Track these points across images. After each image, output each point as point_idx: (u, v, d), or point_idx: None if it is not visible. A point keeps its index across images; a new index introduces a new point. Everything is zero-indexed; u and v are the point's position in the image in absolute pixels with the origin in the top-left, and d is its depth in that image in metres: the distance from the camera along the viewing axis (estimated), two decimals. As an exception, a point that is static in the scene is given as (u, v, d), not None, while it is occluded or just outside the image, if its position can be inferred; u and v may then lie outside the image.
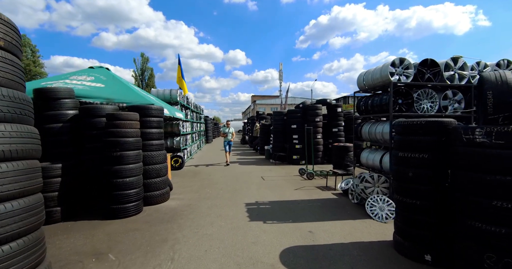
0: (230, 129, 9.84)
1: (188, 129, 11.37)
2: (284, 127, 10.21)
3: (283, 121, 10.24)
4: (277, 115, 10.33)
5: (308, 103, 9.86)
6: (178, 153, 9.19)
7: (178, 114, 7.90)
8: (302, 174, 7.68)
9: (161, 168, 5.02)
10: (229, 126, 9.91)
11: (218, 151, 15.38)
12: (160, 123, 5.22)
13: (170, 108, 7.61)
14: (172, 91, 9.38)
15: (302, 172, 7.68)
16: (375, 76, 4.42)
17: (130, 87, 5.95)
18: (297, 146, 9.59)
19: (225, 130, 9.84)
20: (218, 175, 7.77)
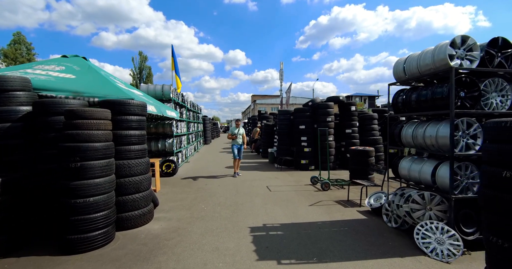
0: (241, 129, 7.74)
1: (183, 130, 10.25)
2: (290, 128, 9.11)
3: (290, 121, 9.13)
4: (283, 114, 9.22)
5: (318, 100, 8.78)
6: (170, 158, 8.07)
7: (170, 113, 6.79)
8: (314, 183, 6.58)
9: (141, 180, 3.90)
10: (239, 126, 7.81)
11: (217, 153, 14.26)
12: (142, 123, 4.11)
13: (161, 105, 6.49)
14: (165, 86, 8.27)
15: (315, 180, 6.57)
16: (424, 61, 3.32)
17: (107, 79, 4.84)
18: (305, 149, 8.49)
19: (234, 131, 7.67)
20: (216, 183, 6.65)
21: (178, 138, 9.21)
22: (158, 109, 5.69)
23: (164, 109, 6.39)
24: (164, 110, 6.29)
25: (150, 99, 6.41)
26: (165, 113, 6.21)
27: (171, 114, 6.86)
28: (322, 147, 7.13)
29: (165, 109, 6.50)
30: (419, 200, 3.25)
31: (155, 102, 6.51)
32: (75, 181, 3.05)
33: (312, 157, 8.59)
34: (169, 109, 7.03)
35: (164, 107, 6.64)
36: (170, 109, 7.23)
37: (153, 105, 5.37)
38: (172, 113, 7.08)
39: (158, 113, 5.57)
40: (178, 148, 9.01)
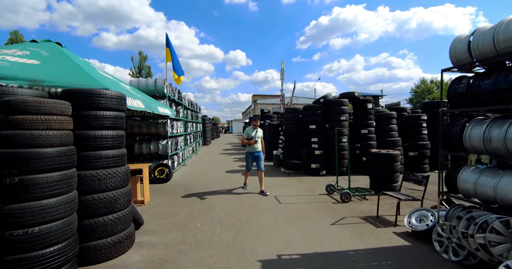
0: (259, 132, 5.86)
1: (179, 130, 9.31)
2: (299, 128, 8.17)
3: (298, 120, 8.19)
4: (290, 112, 8.27)
5: (330, 97, 7.84)
6: (164, 161, 7.13)
7: (162, 110, 5.85)
8: (330, 192, 5.63)
9: (117, 197, 2.95)
10: (257, 127, 5.87)
11: (216, 155, 13.32)
12: (119, 121, 3.16)
13: (151, 101, 5.55)
14: (158, 80, 7.32)
15: (331, 189, 5.63)
16: (503, 35, 2.37)
17: (80, 65, 3.89)
18: (316, 152, 7.54)
19: (251, 134, 5.71)
20: (215, 192, 5.71)
21: (174, 139, 8.26)
22: (147, 105, 4.74)
23: (155, 105, 5.45)
24: (155, 107, 5.35)
25: (138, 93, 5.47)
26: (156, 110, 5.27)
27: (164, 112, 5.92)
28: (339, 149, 6.20)
29: (157, 106, 5.55)
30: (503, 230, 2.30)
31: (145, 96, 5.56)
32: (10, 205, 2.11)
33: (324, 161, 7.65)
34: (162, 106, 6.09)
35: (155, 103, 5.70)
36: (163, 106, 6.29)
37: (139, 100, 4.43)
38: (165, 111, 6.14)
39: (147, 110, 4.63)
40: (173, 150, 8.07)
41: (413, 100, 30.90)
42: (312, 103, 8.22)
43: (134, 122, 7.17)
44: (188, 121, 11.63)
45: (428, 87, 29.68)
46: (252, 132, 5.76)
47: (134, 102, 4.06)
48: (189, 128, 11.78)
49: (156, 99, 7.34)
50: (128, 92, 4.13)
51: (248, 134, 5.78)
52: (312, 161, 7.59)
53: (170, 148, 7.59)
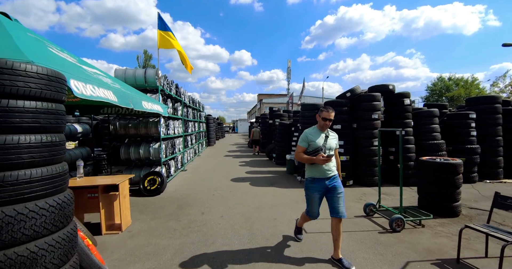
0: (332, 138, 2.94)
1: (178, 130, 8.04)
2: (318, 128, 6.78)
3: (318, 119, 6.80)
4: (309, 109, 6.88)
5: (359, 90, 6.42)
6: (156, 169, 5.85)
7: (149, 106, 4.57)
8: (369, 214, 4.26)
9: (37, 256, 1.64)
10: (327, 128, 2.90)
11: (221, 157, 12.02)
12: (49, 119, 1.85)
13: (133, 93, 4.27)
14: (149, 71, 6.04)
15: (371, 210, 4.26)
16: None
17: (10, 34, 2.62)
18: (342, 157, 6.15)
19: (318, 142, 2.80)
20: (217, 211, 4.39)
21: (170, 142, 6.99)
22: (123, 98, 3.45)
23: (138, 99, 4.16)
24: (137, 102, 4.07)
25: (117, 82, 4.18)
26: (138, 106, 3.98)
27: (152, 108, 4.63)
28: (367, 154, 4.86)
29: (141, 100, 4.26)
30: None
31: (126, 87, 4.28)
32: None
33: (351, 169, 6.25)
34: (151, 100, 4.81)
35: (139, 97, 4.41)
36: (153, 101, 5.00)
37: (111, 90, 3.14)
38: (154, 107, 4.85)
39: (121, 104, 3.33)
40: (169, 155, 6.79)
41: (430, 99, 29.00)
42: (336, 98, 6.83)
43: (120, 121, 5.91)
44: (188, 121, 10.36)
45: (446, 84, 27.75)
46: (319, 137, 2.84)
47: (97, 91, 2.76)
48: (190, 128, 10.52)
49: (146, 94, 6.07)
50: (89, 78, 2.84)
51: (309, 141, 2.83)
52: (336, 169, 6.19)
53: (164, 152, 6.31)
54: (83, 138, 6.74)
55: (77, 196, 3.69)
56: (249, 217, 4.15)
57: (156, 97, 5.98)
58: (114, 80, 4.14)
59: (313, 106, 6.85)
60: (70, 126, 6.02)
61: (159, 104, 5.28)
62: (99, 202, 3.56)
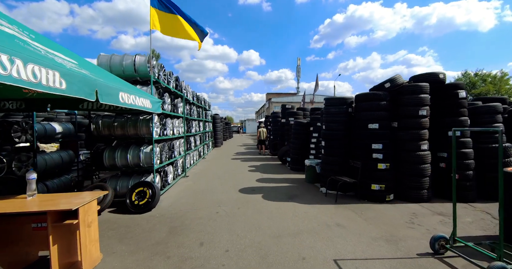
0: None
1: (178, 130, 6.92)
2: (347, 128, 5.49)
3: (346, 116, 5.50)
4: (334, 104, 5.58)
5: (401, 80, 5.08)
6: (147, 178, 4.73)
7: (131, 99, 3.42)
8: (440, 251, 2.95)
9: None
10: None
11: (228, 160, 10.85)
12: None
13: (113, 83, 3.12)
14: (139, 58, 4.91)
15: (442, 246, 2.94)
16: None
17: None
18: (380, 165, 4.85)
19: None
20: (221, 243, 3.19)
21: (167, 144, 5.86)
22: (77, 85, 2.30)
23: (113, 90, 3.02)
24: (111, 92, 2.94)
25: (88, 67, 3.04)
26: (108, 98, 2.84)
27: (134, 103, 3.48)
28: (412, 161, 3.54)
29: (117, 91, 3.12)
30: None
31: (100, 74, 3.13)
32: None
33: (391, 179, 4.93)
34: (136, 92, 3.66)
35: (117, 86, 3.25)
36: (140, 93, 3.85)
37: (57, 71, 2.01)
38: (139, 101, 3.70)
39: (73, 94, 2.18)
40: (165, 160, 5.66)
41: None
42: (370, 90, 5.50)
43: (104, 119, 4.82)
44: (192, 119, 9.25)
45: (472, 80, 25.58)
46: None
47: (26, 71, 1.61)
48: (194, 128, 9.40)
49: (136, 85, 4.96)
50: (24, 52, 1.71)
51: None
52: (373, 180, 4.89)
53: (158, 157, 5.18)
54: (65, 139, 5.70)
55: (16, 226, 2.59)
56: (265, 255, 2.92)
57: (148, 90, 4.85)
58: (88, 67, 3.01)
59: (341, 101, 5.54)
60: (45, 125, 4.97)
61: (148, 97, 4.13)
62: (48, 236, 2.43)
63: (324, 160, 5.72)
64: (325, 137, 5.72)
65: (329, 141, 5.62)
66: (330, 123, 5.62)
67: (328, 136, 5.64)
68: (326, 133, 5.69)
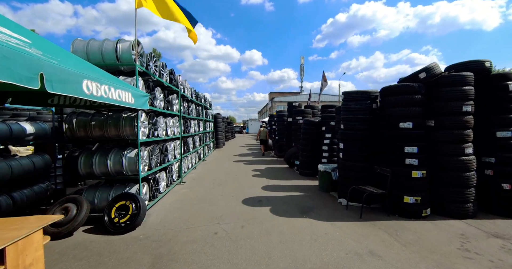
0: None
1: (173, 131, 6.09)
2: (371, 127, 4.62)
3: (370, 112, 4.62)
4: (356, 99, 4.69)
5: (439, 70, 4.17)
6: (131, 189, 3.91)
7: (105, 92, 2.60)
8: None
9: None
10: None
11: (229, 163, 10.00)
12: None
13: (79, 69, 2.29)
14: (122, 44, 4.09)
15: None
16: None
17: None
18: (415, 173, 3.96)
19: None
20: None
21: (158, 147, 5.04)
22: (13, 70, 1.48)
23: (75, 76, 2.21)
24: (70, 79, 2.13)
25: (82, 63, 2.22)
26: (61, 88, 2.02)
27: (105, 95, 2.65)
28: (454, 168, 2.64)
29: (82, 78, 2.30)
30: None
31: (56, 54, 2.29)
32: None
33: (427, 190, 4.05)
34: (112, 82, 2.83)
35: (84, 73, 2.41)
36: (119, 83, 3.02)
37: None
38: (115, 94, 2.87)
39: (10, 81, 1.36)
40: (156, 166, 4.83)
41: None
42: (399, 82, 4.60)
43: (79, 117, 3.99)
44: (190, 119, 8.43)
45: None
46: None
47: None
48: (193, 128, 8.57)
49: (119, 76, 4.13)
50: None
51: None
52: (406, 191, 4.01)
53: (147, 163, 4.35)
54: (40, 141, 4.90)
55: None
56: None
57: (132, 81, 4.01)
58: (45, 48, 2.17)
59: (364, 95, 4.65)
60: (11, 125, 4.17)
61: (130, 90, 3.29)
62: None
63: (343, 165, 4.84)
64: (344, 138, 4.84)
65: (349, 143, 4.75)
66: (351, 122, 4.74)
67: (348, 137, 4.76)
68: (345, 134, 4.82)
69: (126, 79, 4.04)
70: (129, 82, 3.96)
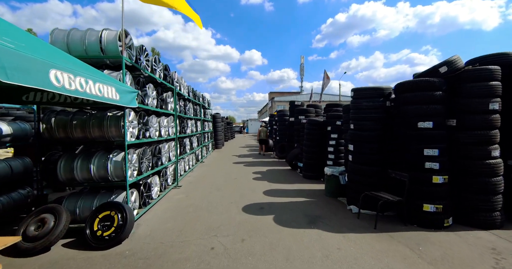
0: None
1: (168, 131, 5.66)
2: (384, 127, 4.18)
3: (384, 111, 4.19)
4: (367, 96, 4.26)
5: (461, 63, 3.74)
6: (116, 197, 3.48)
7: (86, 87, 2.17)
8: None
9: None
10: None
11: (229, 164, 9.56)
12: None
13: (45, 57, 1.86)
14: (107, 33, 3.65)
15: None
16: None
17: None
18: (436, 178, 3.54)
19: None
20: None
21: (150, 149, 4.61)
22: None
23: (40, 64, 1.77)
24: (35, 69, 1.71)
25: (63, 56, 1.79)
26: (36, 81, 1.60)
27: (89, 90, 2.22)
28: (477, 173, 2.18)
29: (48, 67, 1.86)
30: None
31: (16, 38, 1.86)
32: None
33: (449, 197, 3.63)
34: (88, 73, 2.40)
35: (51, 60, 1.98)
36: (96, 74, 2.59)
37: None
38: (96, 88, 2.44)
39: None
40: (147, 170, 4.40)
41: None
42: (415, 77, 4.17)
43: (58, 116, 3.55)
44: (187, 118, 7.99)
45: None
46: None
47: None
48: (190, 128, 8.14)
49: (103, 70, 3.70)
50: None
51: None
52: (426, 198, 3.59)
53: (136, 168, 3.92)
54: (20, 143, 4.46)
55: None
56: None
57: (118, 76, 3.57)
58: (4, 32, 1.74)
59: (376, 92, 4.21)
60: (-17, 125, 3.72)
61: (113, 84, 2.86)
62: None
63: (353, 169, 4.42)
64: (354, 140, 4.41)
65: (360, 145, 4.32)
66: (362, 121, 4.31)
67: (359, 138, 4.33)
68: (355, 134, 4.39)
69: (111, 73, 3.61)
70: (114, 77, 3.52)
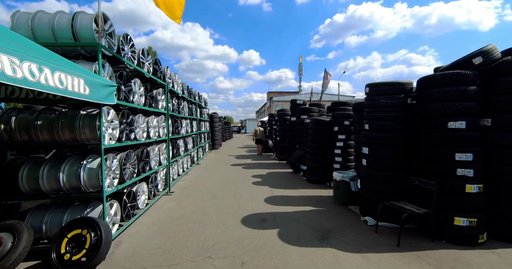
0: None
1: (158, 132, 5.08)
2: (406, 128, 3.64)
3: (404, 109, 3.65)
4: (385, 92, 3.72)
5: (498, 54, 3.22)
6: (91, 211, 2.89)
7: (41, 76, 1.60)
8: None
9: None
10: None
11: (226, 166, 8.98)
12: None
13: None
14: (81, 16, 3.07)
15: None
16: None
17: None
18: (469, 187, 3.00)
19: None
20: None
21: (135, 153, 4.02)
22: None
23: None
24: None
25: None
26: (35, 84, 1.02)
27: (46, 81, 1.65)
28: None
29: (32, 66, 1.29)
30: None
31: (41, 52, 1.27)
32: None
33: (484, 209, 3.09)
34: (45, 60, 1.83)
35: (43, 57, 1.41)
36: (58, 62, 2.03)
37: None
38: (56, 79, 1.87)
39: None
40: (132, 177, 3.82)
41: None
42: (435, 71, 3.62)
43: (20, 115, 2.96)
44: (181, 118, 7.41)
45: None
46: None
47: None
48: (184, 129, 7.55)
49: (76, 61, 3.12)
50: None
51: None
52: (458, 210, 3.05)
53: (117, 175, 3.34)
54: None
55: None
56: None
57: (93, 67, 2.99)
58: None
59: (396, 87, 3.66)
60: None
61: (81, 75, 2.28)
62: None
63: (367, 175, 3.87)
64: (369, 142, 3.87)
65: (377, 148, 3.78)
66: (379, 121, 3.77)
67: (375, 140, 3.79)
68: (371, 136, 3.84)
69: (84, 65, 3.02)
70: (88, 68, 2.94)
